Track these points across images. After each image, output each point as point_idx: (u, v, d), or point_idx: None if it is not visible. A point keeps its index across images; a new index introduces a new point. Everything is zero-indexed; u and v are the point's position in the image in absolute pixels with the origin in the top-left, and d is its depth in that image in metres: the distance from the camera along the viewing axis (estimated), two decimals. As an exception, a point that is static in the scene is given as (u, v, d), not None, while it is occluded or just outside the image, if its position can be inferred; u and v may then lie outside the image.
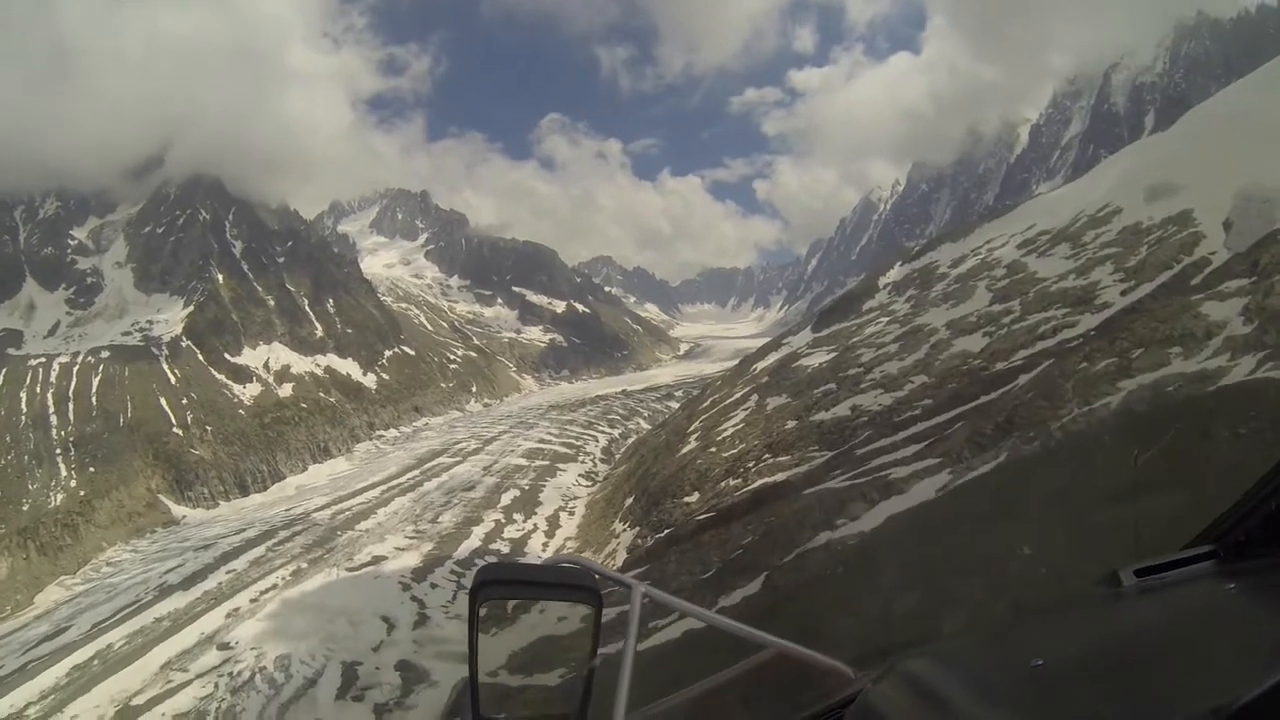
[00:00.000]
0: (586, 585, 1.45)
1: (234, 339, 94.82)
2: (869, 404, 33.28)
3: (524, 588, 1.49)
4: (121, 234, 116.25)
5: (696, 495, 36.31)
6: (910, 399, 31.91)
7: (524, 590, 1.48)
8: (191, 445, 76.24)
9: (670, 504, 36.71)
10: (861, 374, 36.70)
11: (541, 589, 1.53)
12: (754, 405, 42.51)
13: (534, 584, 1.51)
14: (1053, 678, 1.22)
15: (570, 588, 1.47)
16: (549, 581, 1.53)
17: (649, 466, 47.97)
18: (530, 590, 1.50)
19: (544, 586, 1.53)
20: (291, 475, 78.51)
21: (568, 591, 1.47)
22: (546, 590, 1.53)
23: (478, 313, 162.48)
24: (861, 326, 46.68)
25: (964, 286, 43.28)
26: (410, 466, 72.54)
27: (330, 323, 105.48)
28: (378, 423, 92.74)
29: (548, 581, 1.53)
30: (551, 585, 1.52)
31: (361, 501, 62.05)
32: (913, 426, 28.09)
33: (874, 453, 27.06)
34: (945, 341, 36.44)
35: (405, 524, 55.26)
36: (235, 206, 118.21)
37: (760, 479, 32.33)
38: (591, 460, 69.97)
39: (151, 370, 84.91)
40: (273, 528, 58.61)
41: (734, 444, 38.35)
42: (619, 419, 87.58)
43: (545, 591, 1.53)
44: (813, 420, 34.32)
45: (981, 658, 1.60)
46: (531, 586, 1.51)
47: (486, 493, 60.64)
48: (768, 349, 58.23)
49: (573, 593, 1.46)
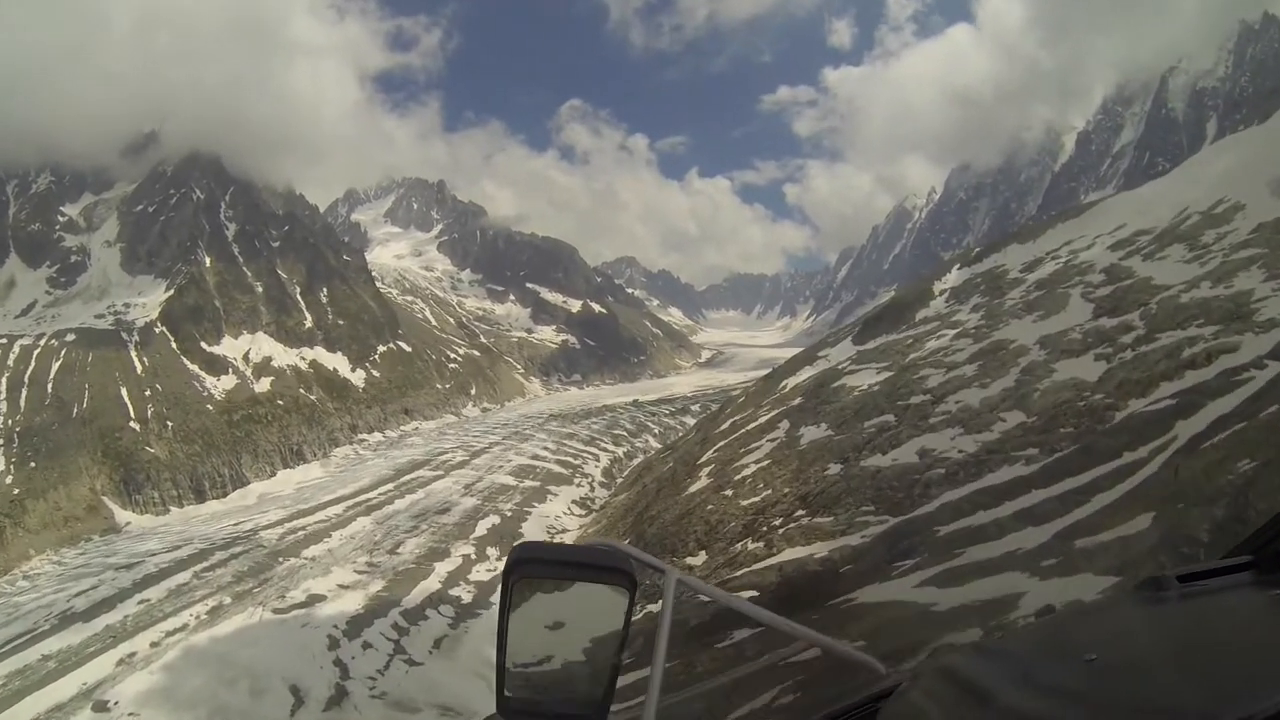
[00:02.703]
0: (621, 568, 1.45)
1: (214, 326, 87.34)
2: (944, 448, 23.95)
3: (558, 567, 1.45)
4: (115, 212, 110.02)
5: (703, 556, 27.17)
6: (1005, 445, 22.50)
7: (557, 570, 1.45)
8: (147, 442, 68.49)
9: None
10: (929, 404, 27.33)
11: (575, 569, 1.46)
12: (783, 435, 33.25)
13: (568, 564, 1.46)
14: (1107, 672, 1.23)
15: (604, 569, 1.45)
16: (583, 562, 1.47)
17: (650, 503, 38.91)
18: (564, 570, 1.45)
19: (578, 567, 1.46)
20: (256, 481, 70.43)
21: (602, 574, 1.45)
22: (580, 571, 1.46)
23: (488, 309, 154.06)
24: (919, 340, 37.35)
25: (1050, 295, 34.07)
26: (385, 479, 64.05)
27: (321, 313, 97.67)
28: (361, 425, 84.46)
29: (582, 562, 1.47)
30: (585, 566, 1.47)
31: (319, 520, 53.57)
32: (1022, 495, 18.82)
33: (967, 534, 17.83)
34: (1042, 365, 27.03)
35: (359, 553, 46.62)
36: (234, 187, 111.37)
37: (790, 547, 23.14)
38: (589, 483, 60.89)
39: (117, 357, 77.51)
40: (210, 546, 50.35)
41: (756, 488, 29.11)
42: (625, 435, 78.25)
43: (579, 572, 1.46)
44: (864, 466, 25.03)
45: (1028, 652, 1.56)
46: (565, 567, 1.46)
47: (462, 518, 51.85)
48: (799, 362, 48.96)
49: (607, 575, 1.45)
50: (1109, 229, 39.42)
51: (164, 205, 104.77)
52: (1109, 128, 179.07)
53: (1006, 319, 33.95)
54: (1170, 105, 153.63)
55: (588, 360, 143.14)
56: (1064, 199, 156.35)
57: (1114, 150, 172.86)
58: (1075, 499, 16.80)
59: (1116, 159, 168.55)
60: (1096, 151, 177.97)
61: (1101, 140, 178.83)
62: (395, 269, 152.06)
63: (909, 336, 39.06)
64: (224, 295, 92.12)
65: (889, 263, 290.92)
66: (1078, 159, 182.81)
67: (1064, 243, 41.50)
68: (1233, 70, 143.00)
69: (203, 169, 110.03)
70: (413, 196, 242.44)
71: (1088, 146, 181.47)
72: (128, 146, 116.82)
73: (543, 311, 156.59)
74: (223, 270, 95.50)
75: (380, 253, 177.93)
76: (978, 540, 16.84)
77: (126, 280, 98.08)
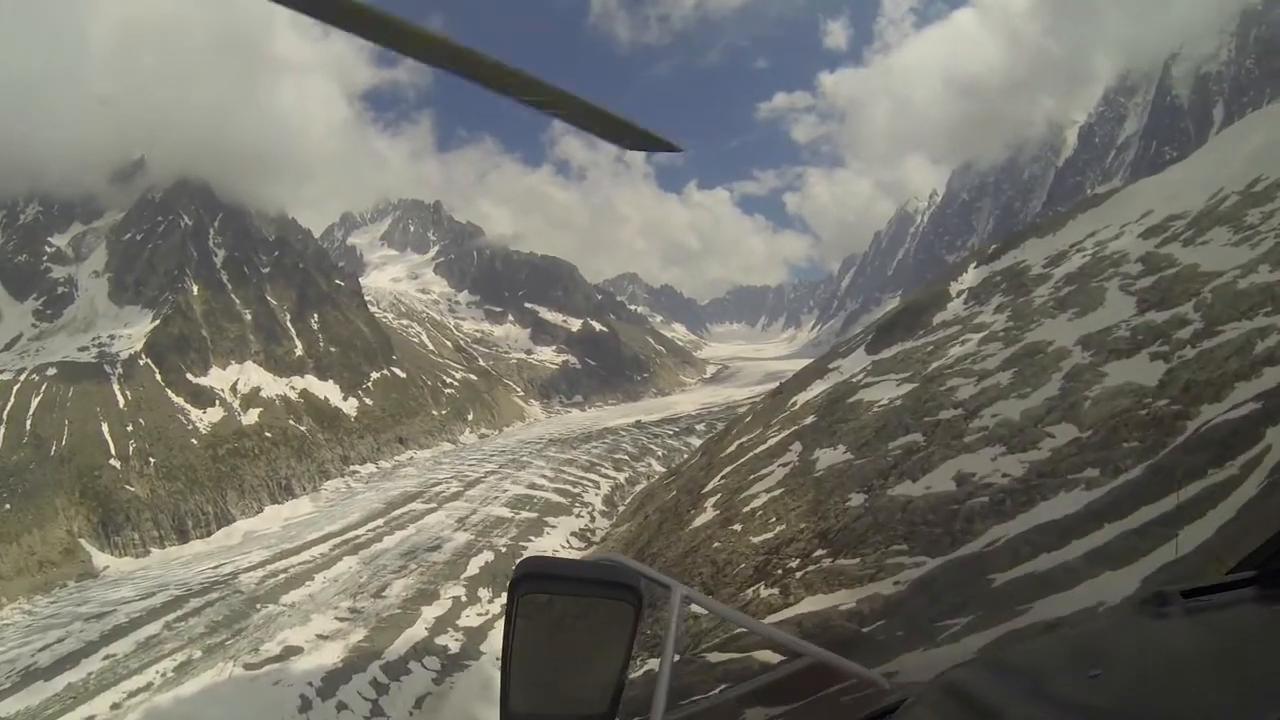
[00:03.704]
0: (627, 584, 1.45)
1: (200, 357, 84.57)
2: (985, 471, 20.81)
3: (563, 583, 1.44)
4: (103, 241, 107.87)
5: None
6: (1059, 466, 19.34)
7: (563, 585, 1.44)
8: (128, 480, 65.49)
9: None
10: (961, 420, 24.16)
11: (581, 585, 1.46)
12: (796, 459, 30.10)
13: (574, 579, 1.46)
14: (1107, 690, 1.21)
15: (610, 585, 1.45)
16: (589, 578, 1.47)
17: (651, 537, 35.67)
18: (570, 586, 1.45)
19: (583, 583, 1.46)
20: (242, 518, 67.28)
21: (608, 589, 1.45)
22: (586, 587, 1.46)
23: (486, 331, 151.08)
24: (940, 346, 34.26)
25: (1083, 289, 30.95)
26: (376, 513, 60.82)
27: (312, 340, 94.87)
28: (353, 456, 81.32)
29: (587, 578, 1.47)
30: (591, 582, 1.47)
31: (302, 561, 50.34)
32: (1093, 530, 15.66)
33: (1030, 583, 14.62)
34: (1089, 369, 23.83)
35: (342, 597, 43.37)
36: (223, 212, 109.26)
37: (810, 595, 20.02)
38: (589, 513, 57.56)
39: (98, 391, 74.73)
40: (186, 593, 47.18)
41: (768, 522, 25.93)
42: (627, 459, 74.78)
43: (584, 588, 1.46)
44: (892, 495, 21.86)
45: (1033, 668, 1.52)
46: (571, 582, 1.45)
47: (453, 555, 48.56)
48: (809, 375, 45.80)
49: (613, 590, 1.45)
50: (1136, 216, 36.43)
51: (152, 233, 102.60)
52: (1112, 119, 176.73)
53: (1038, 319, 30.87)
54: (1174, 92, 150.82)
55: (589, 380, 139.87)
56: (1069, 194, 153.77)
57: (1118, 142, 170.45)
58: (1159, 533, 13.67)
59: (1121, 150, 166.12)
60: (1100, 144, 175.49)
61: (1105, 132, 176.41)
62: (391, 293, 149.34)
63: (928, 343, 36.00)
64: (211, 324, 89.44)
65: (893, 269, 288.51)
66: (1081, 153, 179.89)
67: (1088, 234, 38.53)
68: (1236, 54, 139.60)
69: (191, 195, 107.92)
70: (409, 218, 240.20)
71: (1091, 139, 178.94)
72: (116, 173, 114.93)
73: (542, 332, 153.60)
74: (210, 298, 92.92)
75: (376, 276, 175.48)
76: (1046, 590, 13.64)
77: (114, 311, 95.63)
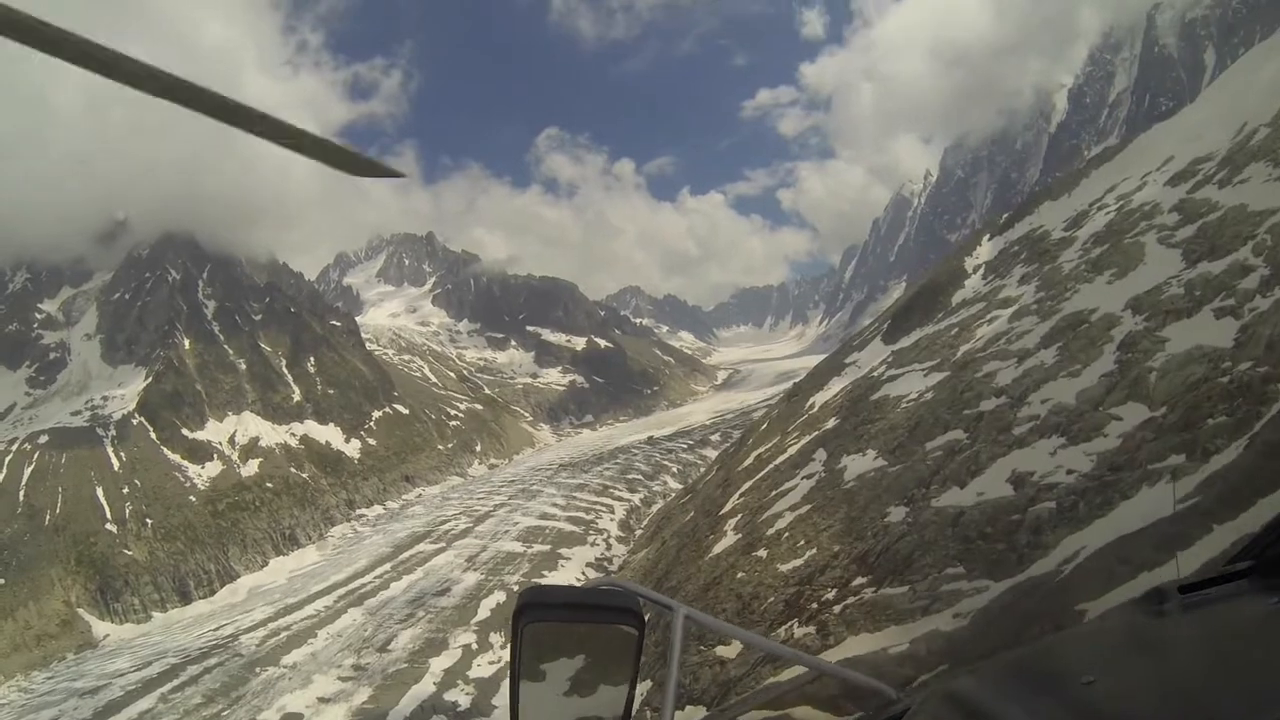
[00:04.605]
0: (629, 608, 1.47)
1: (195, 411, 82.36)
2: (1045, 468, 17.81)
3: (566, 610, 1.46)
4: (94, 303, 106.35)
5: (736, 646, 20.87)
6: (1135, 455, 16.24)
7: (566, 613, 1.46)
8: (125, 544, 63.08)
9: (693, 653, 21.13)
10: (1007, 409, 21.18)
11: (584, 612, 1.48)
12: (821, 469, 27.16)
13: (576, 606, 1.48)
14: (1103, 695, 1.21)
15: (613, 610, 1.47)
16: (591, 604, 1.49)
17: (670, 566, 32.68)
18: (572, 613, 1.47)
19: (586, 609, 1.48)
20: (246, 573, 64.70)
21: (610, 614, 1.47)
22: (588, 613, 1.48)
23: (489, 359, 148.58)
24: (965, 328, 31.35)
25: (1116, 247, 27.79)
26: (383, 558, 58.11)
27: (310, 384, 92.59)
28: (359, 499, 78.69)
29: (590, 604, 1.49)
30: (594, 608, 1.48)
31: (306, 616, 47.63)
32: (1200, 535, 12.71)
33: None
34: (1145, 335, 20.68)
35: (346, 653, 40.62)
36: (211, 263, 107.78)
37: (853, 634, 16.96)
38: (605, 541, 54.62)
39: (92, 456, 72.57)
40: (184, 660, 44.49)
41: (796, 546, 22.93)
42: (641, 479, 71.67)
43: (587, 614, 1.48)
44: (938, 506, 18.91)
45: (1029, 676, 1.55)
46: (574, 609, 1.47)
47: (463, 598, 45.80)
48: (825, 373, 42.94)
49: (616, 615, 1.46)
50: (1157, 164, 33.26)
51: (140, 290, 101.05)
52: (1101, 78, 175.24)
53: (1072, 285, 27.68)
54: (1161, 43, 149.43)
55: (599, 399, 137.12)
56: (1066, 158, 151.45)
57: (1109, 100, 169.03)
58: None
59: (1114, 108, 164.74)
60: (1092, 104, 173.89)
61: (1095, 92, 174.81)
62: (390, 328, 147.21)
63: (952, 325, 33.01)
64: (205, 377, 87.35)
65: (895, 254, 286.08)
66: (1074, 115, 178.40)
67: (1106, 189, 35.46)
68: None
69: (177, 248, 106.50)
70: (403, 252, 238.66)
71: (1082, 101, 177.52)
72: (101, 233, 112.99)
73: (546, 354, 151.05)
74: (202, 351, 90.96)
75: (374, 314, 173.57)
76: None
77: (107, 372, 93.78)
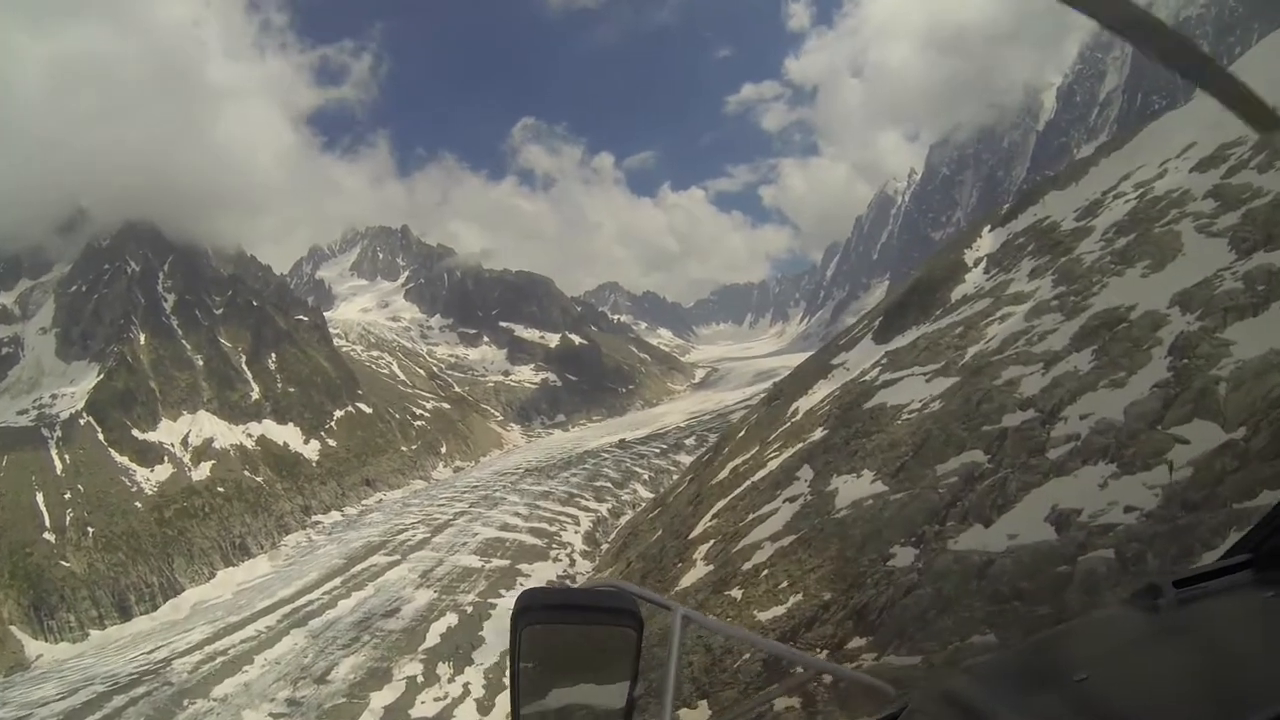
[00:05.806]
0: (627, 609, 1.45)
1: (148, 410, 79.00)
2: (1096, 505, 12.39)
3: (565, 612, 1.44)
4: (51, 295, 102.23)
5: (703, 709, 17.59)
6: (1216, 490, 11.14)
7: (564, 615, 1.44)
8: (63, 555, 59.96)
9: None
10: (1037, 424, 16.74)
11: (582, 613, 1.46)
12: (807, 492, 23.82)
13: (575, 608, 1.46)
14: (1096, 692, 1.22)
15: (611, 611, 1.45)
16: (589, 605, 1.48)
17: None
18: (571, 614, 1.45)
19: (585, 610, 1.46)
20: (192, 586, 61.85)
21: (609, 615, 1.45)
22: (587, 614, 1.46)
23: (460, 355, 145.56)
24: (972, 326, 28.16)
25: (1146, 237, 24.19)
26: (335, 570, 55.59)
27: (270, 382, 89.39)
28: (315, 505, 75.87)
29: (588, 605, 1.48)
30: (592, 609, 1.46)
31: (245, 638, 45.03)
32: None
33: None
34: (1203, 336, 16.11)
35: (282, 683, 38.18)
36: (173, 254, 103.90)
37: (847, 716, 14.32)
38: (568, 556, 52.41)
39: (34, 458, 69.12)
40: (112, 688, 41.70)
41: (777, 588, 19.15)
42: (610, 487, 69.43)
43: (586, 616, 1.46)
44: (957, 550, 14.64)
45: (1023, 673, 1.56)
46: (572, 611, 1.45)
47: (413, 620, 43.46)
48: (810, 374, 39.93)
49: (614, 616, 1.44)
50: (1177, 151, 30.39)
51: (98, 282, 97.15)
52: (1091, 76, 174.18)
53: (1099, 278, 24.43)
54: None
55: (571, 397, 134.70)
56: (1055, 156, 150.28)
57: (1100, 98, 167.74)
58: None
59: (1105, 106, 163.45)
60: (1082, 103, 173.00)
61: (1085, 90, 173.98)
62: (360, 324, 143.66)
63: (955, 324, 29.91)
64: (159, 374, 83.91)
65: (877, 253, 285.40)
66: (1063, 114, 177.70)
67: (1121, 177, 32.78)
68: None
69: (139, 239, 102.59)
70: (377, 246, 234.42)
71: (1071, 99, 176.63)
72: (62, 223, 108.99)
73: (519, 351, 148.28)
74: (158, 346, 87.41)
75: (345, 309, 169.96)
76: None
77: (61, 368, 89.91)
